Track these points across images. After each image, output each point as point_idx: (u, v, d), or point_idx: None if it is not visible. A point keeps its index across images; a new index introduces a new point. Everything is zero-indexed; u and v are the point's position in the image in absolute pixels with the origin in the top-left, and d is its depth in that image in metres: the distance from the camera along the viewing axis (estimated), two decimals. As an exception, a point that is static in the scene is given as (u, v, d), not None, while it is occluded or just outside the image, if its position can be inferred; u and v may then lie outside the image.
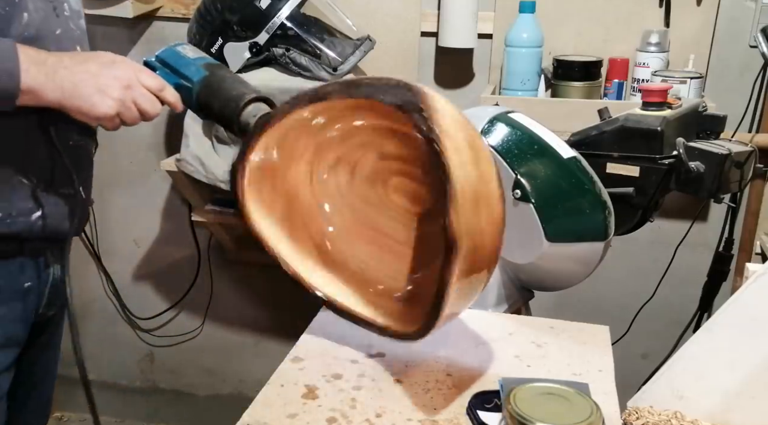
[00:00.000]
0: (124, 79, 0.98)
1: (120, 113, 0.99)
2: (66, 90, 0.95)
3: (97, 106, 0.97)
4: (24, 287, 1.12)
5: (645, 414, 1.00)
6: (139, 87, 1.00)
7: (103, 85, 0.97)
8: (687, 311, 1.90)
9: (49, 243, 1.13)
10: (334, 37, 1.76)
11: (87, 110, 0.97)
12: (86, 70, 0.97)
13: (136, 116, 1.00)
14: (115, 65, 0.99)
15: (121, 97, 0.98)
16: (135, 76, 0.99)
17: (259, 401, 0.92)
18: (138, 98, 0.99)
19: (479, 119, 1.18)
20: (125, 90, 0.98)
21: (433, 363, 1.01)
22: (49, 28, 1.04)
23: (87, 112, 0.97)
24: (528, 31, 1.77)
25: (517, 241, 1.13)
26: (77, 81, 0.96)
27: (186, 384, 2.49)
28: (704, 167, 1.21)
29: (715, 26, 1.81)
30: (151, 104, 1.01)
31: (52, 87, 0.95)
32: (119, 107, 0.98)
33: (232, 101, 1.02)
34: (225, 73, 1.08)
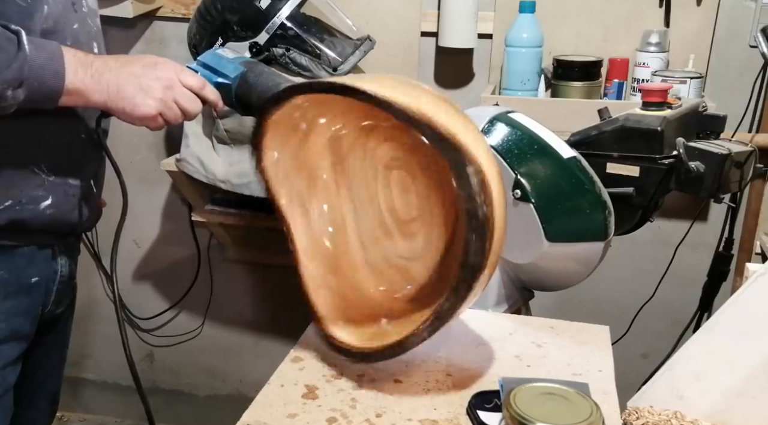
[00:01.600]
0: (165, 80, 1.01)
1: (162, 112, 1.01)
2: (111, 92, 0.99)
3: (139, 106, 0.99)
4: (31, 281, 1.12)
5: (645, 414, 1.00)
6: (180, 87, 1.02)
7: (146, 85, 1.00)
8: (687, 311, 1.90)
9: (56, 236, 1.14)
10: (334, 37, 1.76)
11: (130, 110, 1.00)
12: (130, 72, 1.00)
13: (178, 115, 1.03)
14: (158, 66, 1.02)
15: (163, 97, 1.01)
16: (176, 76, 1.02)
17: (259, 401, 0.92)
18: (179, 98, 1.02)
19: (479, 118, 1.17)
20: (166, 90, 1.01)
21: (433, 363, 1.01)
22: (66, 22, 1.06)
23: (130, 112, 1.00)
24: (528, 31, 1.76)
25: (517, 241, 1.13)
26: (121, 82, 0.99)
27: (186, 384, 2.49)
28: (704, 167, 1.21)
29: (715, 26, 1.81)
30: (192, 103, 1.04)
31: (98, 88, 0.98)
32: (161, 106, 1.01)
33: (268, 92, 1.03)
34: (263, 68, 1.10)
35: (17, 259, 1.09)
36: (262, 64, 1.12)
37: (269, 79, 1.07)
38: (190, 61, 1.88)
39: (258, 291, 2.32)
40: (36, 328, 1.16)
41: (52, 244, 1.15)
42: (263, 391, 0.94)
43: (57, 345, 1.31)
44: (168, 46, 2.08)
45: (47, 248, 1.14)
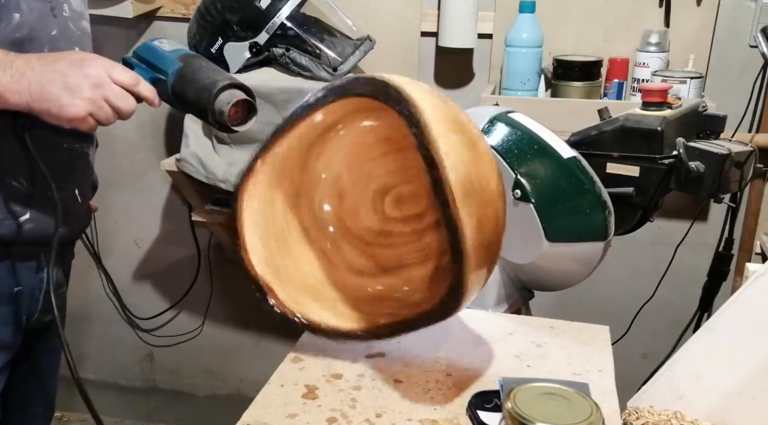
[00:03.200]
0: (94, 77, 0.94)
1: (92, 112, 0.95)
2: (33, 92, 0.92)
3: (67, 107, 0.93)
4: (13, 291, 1.11)
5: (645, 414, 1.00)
6: (111, 84, 0.95)
7: (72, 84, 0.93)
8: (687, 311, 1.90)
9: (40, 247, 1.11)
10: (334, 37, 1.76)
11: (56, 111, 0.93)
12: (54, 70, 0.93)
13: (111, 114, 0.96)
14: (85, 63, 0.95)
15: (92, 96, 0.94)
16: (106, 73, 0.95)
17: (259, 401, 0.92)
18: (110, 96, 0.95)
19: (479, 118, 1.17)
20: (96, 88, 0.94)
21: (433, 363, 1.01)
22: (44, 29, 1.03)
23: (57, 114, 0.93)
24: (528, 31, 1.77)
25: (517, 241, 1.13)
26: (45, 82, 0.92)
27: (186, 384, 2.49)
28: (704, 167, 1.21)
29: (715, 26, 1.81)
30: (125, 101, 0.96)
31: (18, 89, 0.92)
32: (90, 106, 0.94)
33: (206, 90, 0.99)
34: (201, 62, 1.04)
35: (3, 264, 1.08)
36: (201, 58, 1.06)
37: (206, 75, 1.01)
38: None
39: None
40: (21, 337, 1.14)
41: (37, 256, 1.12)
42: (263, 391, 0.94)
43: (49, 352, 1.30)
44: (168, 46, 2.08)
45: (31, 260, 1.12)
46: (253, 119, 1.02)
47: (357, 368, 1.00)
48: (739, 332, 0.98)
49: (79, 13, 1.12)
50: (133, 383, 2.51)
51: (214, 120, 1.00)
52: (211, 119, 1.00)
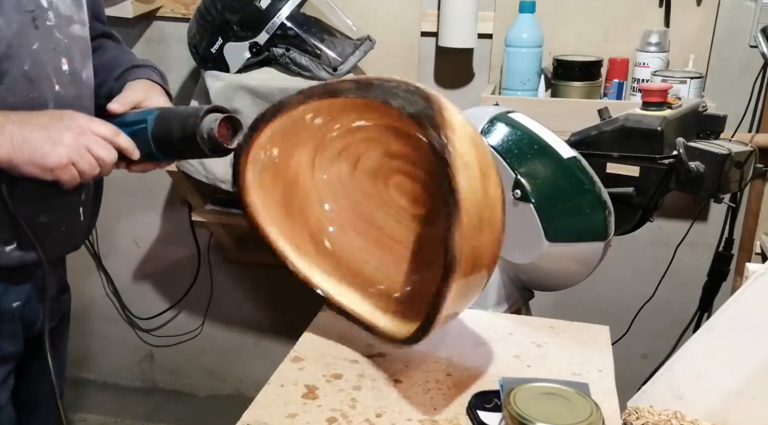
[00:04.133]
0: (76, 128, 0.95)
1: (74, 161, 0.95)
2: (15, 144, 0.92)
3: (49, 155, 0.93)
4: (12, 307, 1.11)
5: (645, 414, 1.00)
6: (92, 134, 0.96)
7: (54, 135, 0.93)
8: (687, 311, 1.90)
9: (34, 266, 1.09)
10: (334, 37, 1.76)
11: (39, 160, 0.93)
12: (36, 124, 0.94)
13: (93, 164, 0.96)
14: (66, 116, 0.96)
15: (73, 144, 0.94)
16: (86, 125, 0.97)
17: (259, 401, 0.92)
18: (91, 145, 0.96)
19: (479, 119, 1.17)
20: (77, 137, 0.95)
21: (433, 363, 1.01)
22: (24, 43, 0.99)
23: (39, 162, 0.93)
24: (528, 31, 1.76)
25: (517, 241, 1.13)
26: (27, 133, 0.93)
27: (186, 384, 2.49)
28: (704, 167, 1.21)
29: (715, 26, 1.81)
30: (106, 151, 0.97)
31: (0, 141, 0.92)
32: (72, 154, 0.94)
33: (190, 117, 1.01)
34: (175, 106, 1.08)
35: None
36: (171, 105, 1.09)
37: (185, 109, 1.04)
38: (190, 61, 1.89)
39: (258, 291, 2.32)
40: (23, 346, 1.14)
41: (33, 273, 1.11)
42: (263, 391, 0.94)
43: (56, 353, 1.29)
44: (168, 46, 2.08)
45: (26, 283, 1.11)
46: (240, 135, 1.03)
47: (357, 368, 1.00)
48: (739, 332, 0.98)
49: (67, 17, 1.07)
50: (133, 383, 2.51)
51: (204, 143, 1.01)
52: (201, 142, 1.01)
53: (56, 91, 1.03)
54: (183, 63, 2.07)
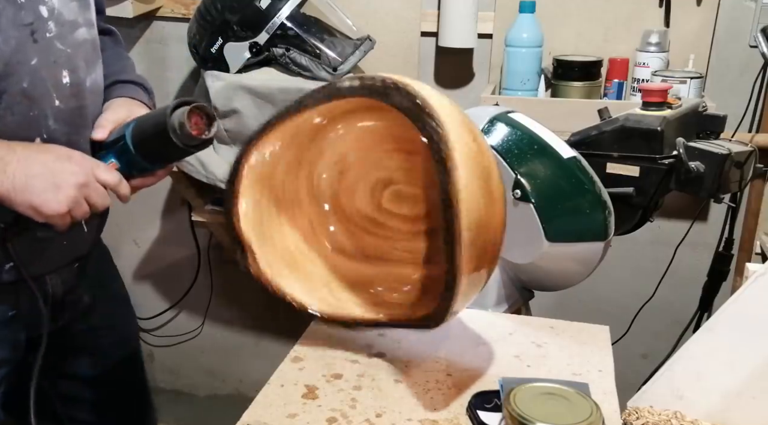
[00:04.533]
0: (81, 176, 0.94)
1: (71, 210, 0.94)
2: (17, 184, 0.90)
3: (49, 202, 0.92)
4: (8, 316, 1.10)
5: (645, 414, 1.00)
6: (95, 183, 0.96)
7: (59, 181, 0.92)
8: (687, 311, 1.90)
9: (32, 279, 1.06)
10: (334, 37, 1.76)
11: (38, 205, 0.92)
12: (41, 163, 0.92)
13: (87, 211, 0.96)
14: (72, 160, 0.95)
15: (76, 195, 0.94)
16: (91, 172, 0.96)
17: (259, 401, 0.92)
18: (92, 195, 0.96)
19: (479, 119, 1.17)
20: (81, 188, 0.94)
21: (433, 363, 1.01)
22: (23, 60, 0.95)
23: (37, 207, 0.92)
24: (528, 31, 1.77)
25: (517, 241, 1.13)
26: (30, 174, 0.91)
27: (186, 384, 2.49)
28: (704, 167, 1.21)
29: (715, 26, 1.81)
30: (104, 200, 0.97)
31: (1, 179, 0.90)
32: (72, 204, 0.93)
33: (161, 115, 0.99)
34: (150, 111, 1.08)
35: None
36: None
37: (157, 110, 1.03)
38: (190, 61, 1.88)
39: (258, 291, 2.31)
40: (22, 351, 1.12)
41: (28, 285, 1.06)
42: (263, 391, 0.94)
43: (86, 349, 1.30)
44: (168, 46, 2.08)
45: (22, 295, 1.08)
46: (215, 125, 1.02)
47: (357, 368, 1.00)
48: (739, 332, 0.97)
49: (72, 23, 1.02)
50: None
51: (178, 137, 0.99)
52: (174, 137, 0.98)
53: (56, 106, 1.00)
54: (183, 63, 2.07)
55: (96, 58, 1.09)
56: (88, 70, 1.06)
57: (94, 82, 1.08)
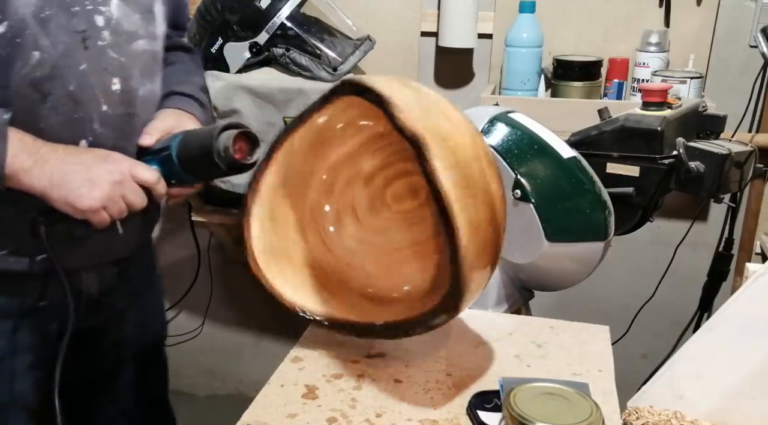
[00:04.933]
0: (117, 173, 0.96)
1: (107, 207, 0.96)
2: (54, 180, 0.93)
3: (83, 197, 0.94)
4: (38, 305, 1.10)
5: (645, 414, 1.00)
6: (131, 182, 0.98)
7: (94, 176, 0.95)
8: (687, 311, 1.90)
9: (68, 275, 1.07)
10: (334, 37, 1.76)
11: (72, 200, 0.94)
12: (79, 162, 0.95)
13: (123, 209, 0.98)
14: (110, 159, 0.97)
15: (110, 192, 0.96)
16: (129, 171, 0.98)
17: (259, 401, 0.92)
18: (128, 193, 0.97)
19: (479, 119, 1.18)
20: (116, 185, 0.96)
21: (433, 363, 1.01)
22: (71, 64, 0.97)
23: (72, 203, 0.94)
24: (528, 31, 1.77)
25: (517, 241, 1.13)
26: (67, 171, 0.94)
27: (186, 384, 2.49)
28: (704, 167, 1.21)
29: (715, 26, 1.81)
30: (140, 199, 0.99)
31: (39, 175, 0.93)
32: (106, 201, 0.95)
33: (207, 136, 1.01)
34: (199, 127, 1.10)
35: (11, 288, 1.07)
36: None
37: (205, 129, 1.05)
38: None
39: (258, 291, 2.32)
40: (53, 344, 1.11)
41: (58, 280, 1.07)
42: (263, 391, 0.94)
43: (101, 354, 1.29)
44: (168, 46, 2.08)
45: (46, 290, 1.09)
46: (258, 151, 1.03)
47: (357, 368, 1.00)
48: (739, 332, 0.97)
49: (130, 34, 1.03)
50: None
51: (221, 160, 1.00)
52: (218, 159, 1.00)
53: (103, 110, 1.01)
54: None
55: (155, 69, 1.09)
56: (142, 80, 1.06)
57: (149, 92, 1.08)
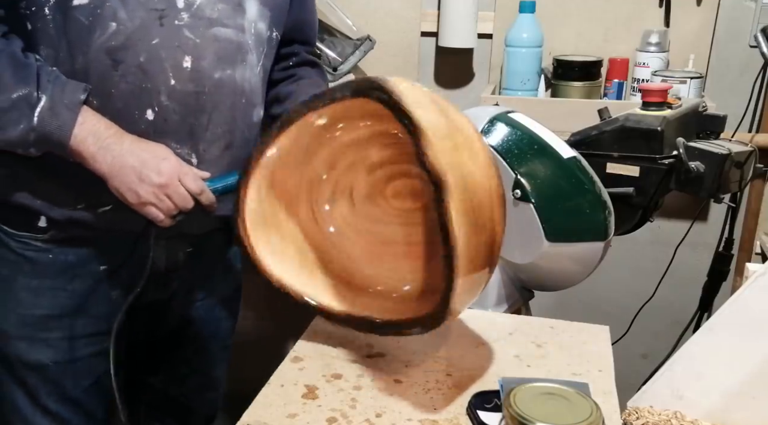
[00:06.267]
0: (165, 176, 1.03)
1: (153, 203, 1.03)
2: (114, 167, 1.02)
3: (129, 192, 1.02)
4: (100, 269, 1.15)
5: (645, 414, 1.00)
6: (177, 186, 1.04)
7: (144, 175, 1.02)
8: (687, 311, 1.90)
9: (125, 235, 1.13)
10: (334, 37, 1.76)
11: (123, 192, 1.03)
12: (138, 158, 1.02)
13: (171, 208, 1.04)
14: (166, 161, 1.03)
15: (155, 191, 1.03)
16: (176, 175, 1.04)
17: (259, 401, 0.92)
18: (173, 196, 1.04)
19: (479, 119, 1.18)
20: (160, 187, 1.03)
21: (433, 363, 1.01)
22: (143, 38, 1.03)
23: (122, 194, 1.03)
24: (528, 31, 1.77)
25: (517, 241, 1.13)
26: (124, 164, 1.02)
27: (186, 384, 2.49)
28: (704, 167, 1.21)
29: (715, 26, 1.81)
30: (185, 202, 1.05)
31: (102, 160, 1.01)
32: (152, 198, 1.03)
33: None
34: None
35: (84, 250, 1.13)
36: None
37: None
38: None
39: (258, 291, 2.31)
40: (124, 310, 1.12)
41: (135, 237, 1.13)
42: (263, 391, 0.94)
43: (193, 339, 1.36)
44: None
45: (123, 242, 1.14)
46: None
47: (357, 368, 1.00)
48: (739, 332, 0.97)
49: (212, 20, 1.07)
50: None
51: None
52: None
53: (171, 85, 1.05)
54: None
55: (237, 58, 1.11)
56: (219, 64, 1.09)
57: (229, 78, 1.10)
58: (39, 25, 1.01)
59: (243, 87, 1.12)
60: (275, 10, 1.16)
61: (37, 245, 1.12)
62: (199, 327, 1.35)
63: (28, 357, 1.15)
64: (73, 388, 1.18)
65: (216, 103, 1.10)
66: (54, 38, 1.01)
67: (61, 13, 1.00)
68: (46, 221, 1.10)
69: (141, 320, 1.24)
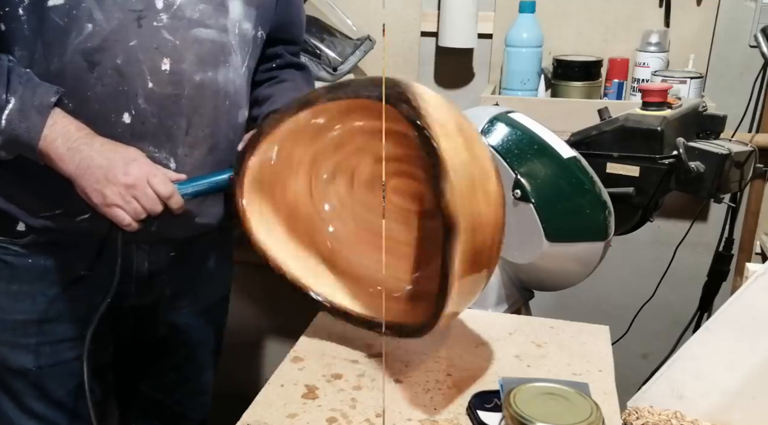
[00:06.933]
0: (132, 178, 1.00)
1: (119, 205, 1.00)
2: (81, 168, 0.99)
3: (95, 193, 1.00)
4: (79, 274, 1.13)
5: (645, 414, 1.00)
6: (145, 188, 1.01)
7: (111, 177, 0.99)
8: (687, 312, 1.90)
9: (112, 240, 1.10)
10: (334, 37, 1.76)
11: (88, 193, 1.00)
12: (107, 159, 1.00)
13: (139, 211, 1.01)
14: (133, 164, 1.01)
15: (121, 192, 1.00)
16: (146, 178, 1.01)
17: (259, 401, 0.92)
18: (140, 198, 1.01)
19: (479, 119, 1.18)
20: (128, 188, 1.00)
21: (433, 363, 1.01)
22: (121, 39, 1.01)
23: (87, 195, 1.00)
24: (528, 31, 1.76)
25: (517, 241, 1.13)
26: (92, 165, 0.99)
27: (186, 384, 2.49)
28: (704, 167, 1.21)
29: (715, 26, 1.81)
30: (153, 205, 1.02)
31: (68, 160, 0.99)
32: (117, 200, 1.00)
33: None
34: None
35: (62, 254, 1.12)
36: None
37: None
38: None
39: (257, 291, 2.32)
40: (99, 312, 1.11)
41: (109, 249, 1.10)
42: (263, 391, 0.94)
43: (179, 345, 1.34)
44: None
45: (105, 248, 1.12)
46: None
47: (357, 368, 1.00)
48: (739, 332, 0.97)
49: (192, 21, 1.05)
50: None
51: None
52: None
53: (149, 88, 1.03)
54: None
55: (219, 60, 1.09)
56: (200, 66, 1.07)
57: (210, 80, 1.08)
58: (13, 25, 0.99)
59: (226, 88, 1.11)
60: (261, 8, 1.14)
61: (16, 249, 1.11)
62: (186, 334, 1.33)
63: (11, 362, 1.14)
64: (59, 391, 1.17)
65: (196, 106, 1.08)
66: (29, 39, 0.99)
67: (36, 14, 0.98)
68: (25, 226, 1.09)
69: (127, 325, 1.23)
